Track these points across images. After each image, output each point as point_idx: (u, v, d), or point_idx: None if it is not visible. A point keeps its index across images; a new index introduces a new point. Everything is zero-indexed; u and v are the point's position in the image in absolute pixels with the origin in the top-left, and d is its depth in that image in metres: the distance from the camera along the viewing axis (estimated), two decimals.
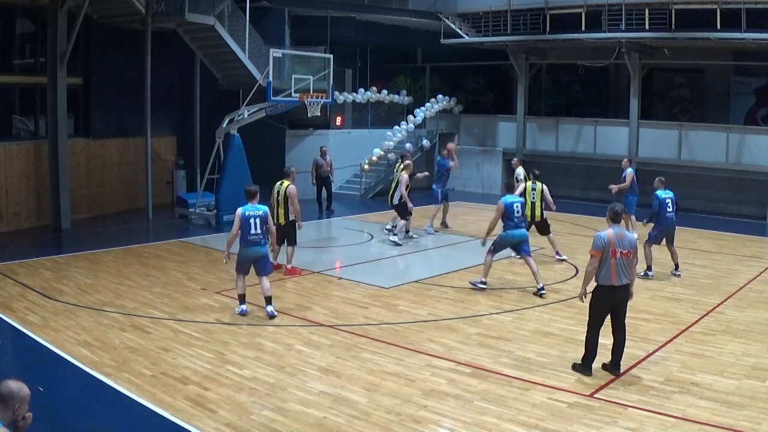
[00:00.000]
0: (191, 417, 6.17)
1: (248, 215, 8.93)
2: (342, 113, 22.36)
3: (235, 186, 16.24)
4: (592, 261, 7.07)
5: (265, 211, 9.03)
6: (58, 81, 14.69)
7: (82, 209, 16.38)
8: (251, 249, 8.99)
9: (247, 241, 8.96)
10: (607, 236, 7.06)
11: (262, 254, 9.09)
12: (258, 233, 8.94)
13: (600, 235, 7.12)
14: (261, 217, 8.95)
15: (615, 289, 7.04)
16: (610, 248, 6.99)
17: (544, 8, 19.97)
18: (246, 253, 9.03)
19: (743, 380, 7.07)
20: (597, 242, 7.08)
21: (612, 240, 7.03)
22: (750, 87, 20.60)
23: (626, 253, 7.04)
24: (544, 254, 13.47)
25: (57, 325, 8.70)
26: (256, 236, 8.95)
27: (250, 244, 8.96)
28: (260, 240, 9.00)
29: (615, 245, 7.01)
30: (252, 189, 9.19)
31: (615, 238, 7.05)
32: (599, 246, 7.04)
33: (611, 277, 7.00)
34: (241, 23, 17.11)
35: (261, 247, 9.06)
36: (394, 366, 7.49)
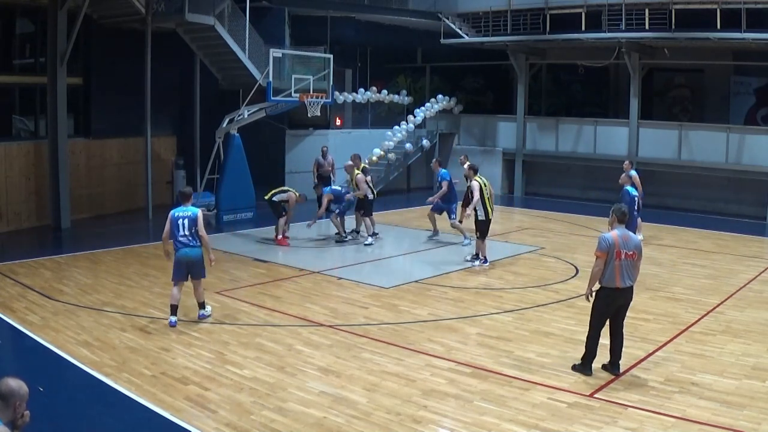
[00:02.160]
0: (191, 417, 6.17)
1: (177, 216, 8.73)
2: (342, 113, 22.35)
3: (236, 186, 16.32)
4: (597, 262, 7.04)
5: (194, 212, 8.76)
6: (58, 81, 14.69)
7: (82, 209, 16.37)
8: (182, 251, 8.71)
9: (177, 242, 8.73)
10: (612, 238, 7.01)
11: (193, 257, 8.75)
12: (186, 234, 8.68)
13: (605, 236, 7.09)
14: (190, 218, 8.71)
15: (619, 291, 7.02)
16: (614, 250, 6.94)
17: (544, 8, 19.97)
18: (178, 256, 8.75)
19: (743, 380, 7.07)
20: (602, 243, 7.03)
21: (617, 241, 6.98)
22: (750, 87, 20.59)
23: (631, 255, 7.01)
24: (544, 254, 13.48)
25: (57, 325, 8.70)
26: (185, 238, 8.69)
27: (180, 245, 8.71)
28: (189, 241, 8.70)
29: (620, 246, 6.96)
30: (186, 191, 9.10)
31: (620, 239, 7.00)
32: (604, 247, 7.00)
33: (615, 279, 6.97)
34: (241, 23, 17.10)
35: (191, 249, 8.72)
36: (394, 366, 7.49)
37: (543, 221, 17.62)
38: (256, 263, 12.41)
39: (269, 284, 10.96)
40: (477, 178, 12.28)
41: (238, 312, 9.41)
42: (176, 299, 8.82)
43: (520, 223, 17.54)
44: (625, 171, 14.63)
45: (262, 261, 12.55)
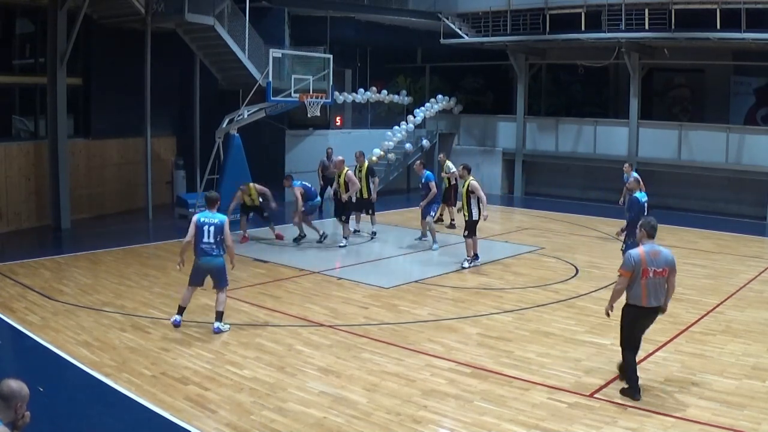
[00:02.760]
0: (191, 417, 6.17)
1: (202, 222, 8.42)
2: (342, 113, 22.36)
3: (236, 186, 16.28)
4: (621, 280, 6.60)
5: (221, 220, 8.47)
6: (58, 81, 14.69)
7: (82, 209, 16.37)
8: (204, 259, 8.46)
9: (199, 249, 8.44)
10: (639, 255, 6.50)
11: (215, 265, 8.53)
12: (210, 242, 8.40)
13: (631, 253, 6.61)
14: (216, 225, 8.41)
15: (645, 310, 6.60)
16: (641, 267, 6.46)
17: (544, 8, 19.97)
18: (198, 263, 8.52)
19: (743, 380, 7.07)
20: (627, 262, 6.57)
21: (644, 259, 6.48)
22: (750, 87, 20.59)
23: (660, 272, 6.51)
24: (544, 254, 13.48)
25: (57, 325, 8.70)
26: (208, 246, 8.41)
27: (203, 253, 8.43)
28: (212, 250, 8.45)
29: (647, 264, 6.47)
30: (212, 196, 8.69)
31: (647, 256, 6.50)
32: (629, 266, 6.52)
33: (641, 298, 6.54)
34: (240, 23, 17.10)
35: (213, 258, 8.48)
36: (394, 366, 7.49)
37: (543, 221, 17.62)
38: (256, 263, 12.41)
39: (269, 284, 10.96)
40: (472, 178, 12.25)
41: (238, 312, 9.41)
42: (186, 301, 8.70)
43: (520, 223, 17.54)
44: (626, 173, 14.53)
45: (262, 261, 12.55)
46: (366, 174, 14.91)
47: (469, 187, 12.03)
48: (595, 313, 9.56)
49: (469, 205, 12.06)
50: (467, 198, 12.09)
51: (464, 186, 12.18)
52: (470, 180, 12.11)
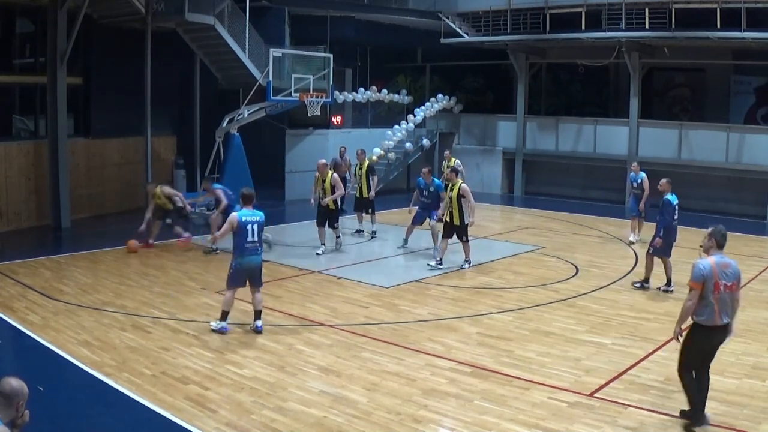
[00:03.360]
0: (191, 417, 6.17)
1: (246, 221, 8.26)
2: (342, 113, 22.36)
3: (235, 185, 16.15)
4: (692, 294, 5.90)
5: (262, 217, 8.42)
6: (58, 81, 14.69)
7: (82, 209, 16.37)
8: (248, 258, 8.34)
9: (243, 249, 8.27)
10: (710, 266, 5.85)
11: (258, 264, 8.51)
12: (255, 240, 8.33)
13: (701, 264, 5.90)
14: (259, 223, 8.35)
15: (716, 330, 5.95)
16: (712, 281, 5.82)
17: (544, 7, 19.97)
18: (242, 263, 8.34)
19: (743, 380, 7.07)
20: (697, 273, 5.87)
21: (715, 271, 5.83)
22: (750, 86, 20.60)
23: (731, 286, 5.90)
24: (544, 253, 13.48)
25: (57, 324, 8.70)
26: (253, 244, 8.32)
27: (248, 252, 8.30)
28: (257, 249, 8.40)
29: (718, 277, 5.82)
30: (249, 192, 8.53)
31: (719, 268, 5.86)
32: (699, 277, 5.85)
33: (714, 316, 5.87)
34: (241, 23, 17.10)
35: (258, 256, 8.45)
36: (394, 365, 7.49)
37: (543, 221, 17.62)
38: None
39: (269, 284, 10.91)
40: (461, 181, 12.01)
41: (238, 312, 9.39)
42: (231, 305, 8.52)
43: (520, 223, 17.54)
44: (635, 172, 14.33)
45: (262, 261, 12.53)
46: (366, 172, 14.91)
47: (459, 190, 11.73)
48: (596, 312, 9.58)
49: (461, 209, 11.77)
50: (458, 202, 11.75)
51: (454, 190, 11.78)
52: (461, 183, 11.85)
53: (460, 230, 11.93)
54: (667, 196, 10.56)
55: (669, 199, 10.49)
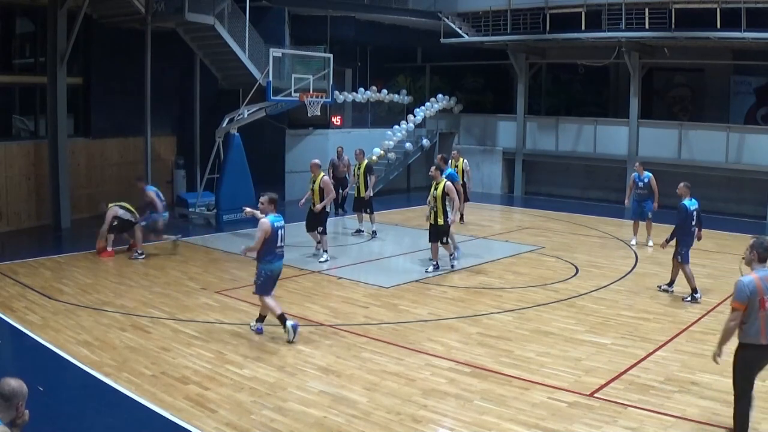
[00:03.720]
0: (191, 417, 6.17)
1: (277, 226, 8.07)
2: (342, 113, 22.36)
3: (235, 186, 16.29)
4: (734, 315, 5.56)
5: (283, 220, 8.30)
6: (58, 81, 14.69)
7: (82, 209, 16.37)
8: (278, 263, 8.24)
9: (274, 255, 8.14)
10: (754, 283, 5.51)
11: (281, 269, 8.46)
12: (283, 246, 8.24)
13: (744, 282, 5.54)
14: (284, 228, 8.24)
15: (763, 349, 5.56)
16: (758, 298, 5.46)
17: (544, 8, 19.96)
18: (273, 268, 8.20)
19: None
20: (741, 292, 5.51)
21: (760, 287, 5.49)
22: (750, 86, 20.58)
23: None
24: (544, 253, 13.48)
25: (57, 324, 8.70)
26: (281, 249, 8.23)
27: (278, 258, 8.20)
28: (284, 253, 8.34)
29: (764, 293, 5.49)
30: (275, 196, 8.24)
31: (763, 283, 5.52)
32: (743, 297, 5.49)
33: (760, 334, 5.50)
34: (241, 23, 17.09)
35: (282, 261, 8.39)
36: (394, 365, 7.49)
37: (543, 221, 17.62)
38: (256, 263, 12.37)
39: None
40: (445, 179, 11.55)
41: (237, 312, 9.41)
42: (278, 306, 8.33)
43: (520, 223, 17.54)
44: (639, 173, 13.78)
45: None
46: (364, 172, 14.91)
47: (444, 188, 11.28)
48: (595, 312, 9.58)
49: (445, 209, 11.34)
50: (443, 201, 11.29)
51: (438, 188, 11.31)
52: (445, 181, 11.39)
53: (441, 231, 11.52)
54: (684, 201, 10.25)
55: (685, 205, 10.17)
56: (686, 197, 10.29)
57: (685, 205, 10.18)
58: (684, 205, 10.19)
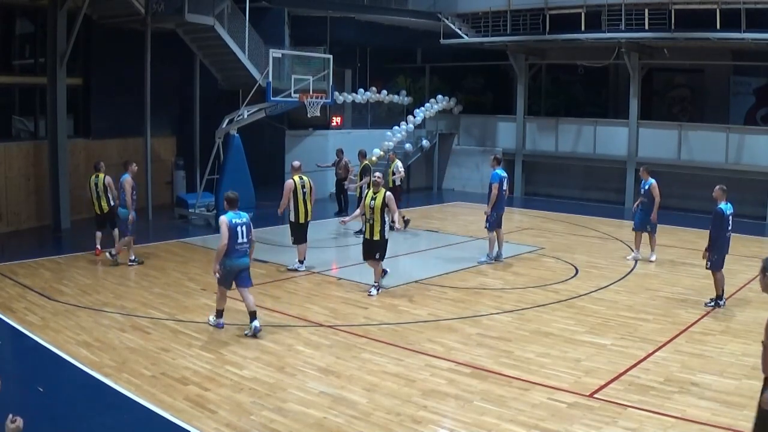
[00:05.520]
0: (191, 417, 6.17)
1: (235, 223, 8.30)
2: (341, 113, 22.35)
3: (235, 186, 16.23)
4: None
5: (248, 217, 8.49)
6: (57, 81, 14.69)
7: (82, 209, 16.34)
8: (239, 260, 8.37)
9: (233, 251, 8.30)
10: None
11: (246, 265, 8.51)
12: (245, 242, 8.38)
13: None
14: (247, 224, 8.41)
15: None
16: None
17: (544, 8, 19.97)
18: (233, 264, 8.36)
19: (743, 380, 7.06)
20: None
21: None
22: (749, 87, 20.60)
23: None
24: (543, 254, 13.48)
25: (57, 325, 8.70)
26: (242, 246, 8.36)
27: (237, 255, 8.34)
28: (246, 250, 8.44)
29: None
30: (234, 195, 8.51)
31: None
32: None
33: None
34: (240, 23, 17.09)
35: (246, 258, 8.48)
36: (393, 366, 7.49)
37: (543, 221, 17.63)
38: (256, 263, 12.34)
39: (269, 284, 10.96)
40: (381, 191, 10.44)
41: (237, 312, 9.39)
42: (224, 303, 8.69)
43: (520, 223, 17.53)
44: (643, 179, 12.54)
45: (262, 261, 12.54)
46: (360, 173, 14.93)
47: (385, 198, 10.23)
48: (595, 313, 9.58)
49: (383, 222, 10.28)
50: (381, 213, 10.23)
51: (377, 198, 10.21)
52: (385, 191, 10.34)
53: (376, 246, 10.39)
54: (720, 205, 9.74)
55: (722, 209, 9.68)
56: (722, 201, 9.80)
57: (721, 209, 9.70)
58: (720, 209, 9.70)
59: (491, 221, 12.37)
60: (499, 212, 12.45)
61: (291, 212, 11.74)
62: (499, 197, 12.39)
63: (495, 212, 12.37)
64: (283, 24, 19.89)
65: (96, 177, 12.53)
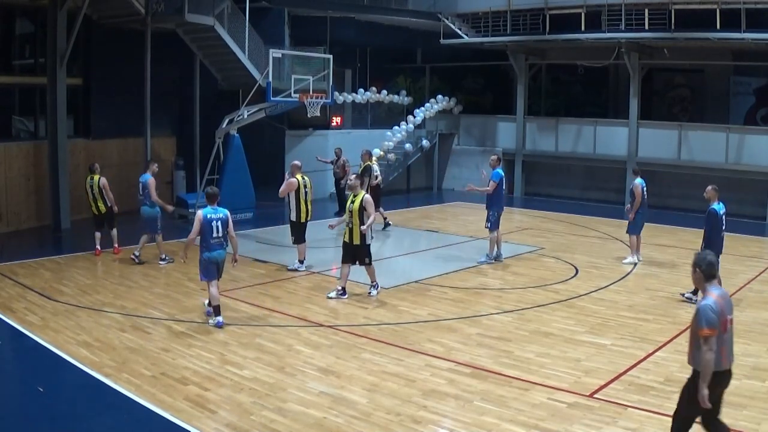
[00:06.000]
0: (191, 417, 6.17)
1: (210, 218, 8.65)
2: (341, 113, 22.35)
3: (235, 186, 16.30)
4: (710, 342, 4.85)
5: (225, 214, 8.77)
6: (58, 81, 14.69)
7: (82, 209, 16.34)
8: (214, 252, 8.71)
9: (209, 244, 8.67)
10: (718, 305, 4.95)
11: (223, 258, 8.86)
12: (219, 236, 8.69)
13: (710, 305, 4.93)
14: (222, 220, 8.70)
15: (726, 375, 5.07)
16: (720, 320, 4.93)
17: (544, 8, 19.97)
18: (210, 257, 8.70)
19: (743, 380, 7.05)
20: (709, 316, 4.88)
21: (722, 308, 4.98)
22: (749, 87, 20.60)
23: (732, 320, 5.11)
24: (543, 254, 13.48)
25: (57, 325, 8.70)
26: (217, 240, 8.69)
27: (214, 247, 8.68)
28: (221, 244, 8.76)
29: (726, 313, 5.01)
30: (213, 191, 8.87)
31: (724, 302, 5.04)
32: (714, 320, 4.87)
33: (722, 359, 4.97)
34: (240, 23, 17.10)
35: (223, 251, 8.82)
36: (394, 366, 7.49)
37: (543, 221, 17.63)
38: (256, 263, 12.41)
39: (269, 284, 10.96)
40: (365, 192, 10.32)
41: (237, 312, 9.41)
42: (218, 298, 8.85)
43: (520, 223, 17.52)
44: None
45: (262, 261, 12.55)
46: (361, 173, 14.94)
47: (362, 201, 9.93)
48: (595, 313, 9.58)
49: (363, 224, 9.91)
50: (360, 216, 9.89)
51: (356, 201, 9.93)
52: (364, 194, 10.04)
53: (360, 251, 10.10)
54: (713, 205, 9.70)
55: (715, 209, 9.64)
56: (715, 201, 9.79)
57: (715, 209, 9.68)
58: (714, 209, 9.68)
59: (492, 221, 12.39)
60: (498, 212, 12.49)
61: (292, 211, 11.77)
62: (499, 197, 12.45)
63: (495, 212, 12.41)
64: (283, 24, 19.89)
65: (91, 179, 12.63)
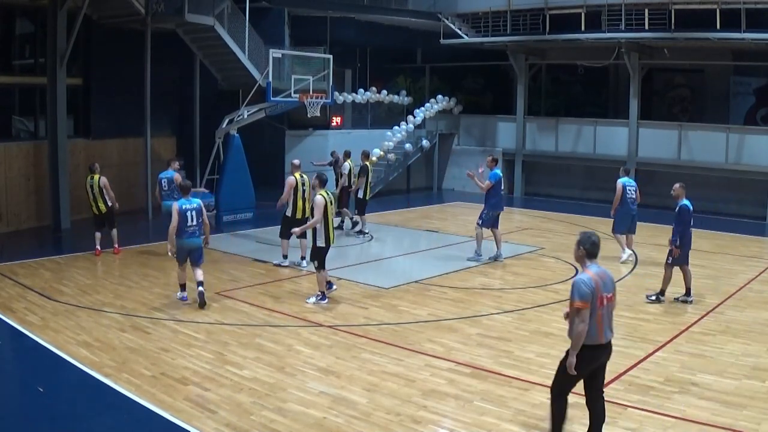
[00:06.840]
0: (191, 417, 6.17)
1: (185, 209, 9.47)
2: (341, 113, 22.36)
3: (235, 186, 16.30)
4: (582, 315, 5.30)
5: (199, 203, 9.64)
6: (57, 81, 14.69)
7: (82, 209, 16.34)
8: (187, 240, 9.52)
9: (184, 232, 9.47)
10: (592, 280, 5.31)
11: (197, 245, 9.65)
12: (194, 224, 9.52)
13: (583, 279, 5.33)
14: (196, 209, 9.56)
15: (601, 349, 5.48)
16: (596, 296, 5.31)
17: (544, 8, 19.97)
18: (183, 243, 9.52)
19: (743, 380, 7.07)
20: (582, 290, 5.28)
21: (598, 284, 5.32)
22: (749, 87, 20.60)
23: (610, 298, 5.45)
24: (543, 254, 13.49)
25: (57, 325, 8.70)
26: (192, 228, 9.52)
27: (186, 235, 9.49)
28: (195, 232, 9.57)
29: (601, 290, 5.34)
30: (186, 184, 9.91)
31: (600, 280, 5.36)
32: (587, 294, 5.27)
33: (598, 334, 5.38)
34: (240, 24, 17.10)
35: (197, 239, 9.62)
36: (393, 366, 7.49)
37: (543, 221, 17.63)
38: (255, 263, 12.41)
39: (269, 284, 10.96)
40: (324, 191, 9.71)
41: (238, 312, 9.41)
42: (183, 278, 9.83)
43: (520, 224, 17.53)
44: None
45: (262, 261, 12.55)
46: (358, 173, 14.98)
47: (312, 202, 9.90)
48: None
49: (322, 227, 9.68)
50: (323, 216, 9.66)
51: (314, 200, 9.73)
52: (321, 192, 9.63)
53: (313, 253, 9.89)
54: (683, 201, 9.86)
55: (687, 205, 9.79)
56: (682, 198, 9.91)
57: (687, 205, 9.81)
58: (686, 205, 9.81)
59: (485, 218, 12.49)
60: (495, 211, 12.55)
61: (289, 207, 11.92)
62: (496, 197, 12.52)
63: (491, 211, 12.50)
64: (283, 24, 19.90)
65: (91, 179, 12.68)
